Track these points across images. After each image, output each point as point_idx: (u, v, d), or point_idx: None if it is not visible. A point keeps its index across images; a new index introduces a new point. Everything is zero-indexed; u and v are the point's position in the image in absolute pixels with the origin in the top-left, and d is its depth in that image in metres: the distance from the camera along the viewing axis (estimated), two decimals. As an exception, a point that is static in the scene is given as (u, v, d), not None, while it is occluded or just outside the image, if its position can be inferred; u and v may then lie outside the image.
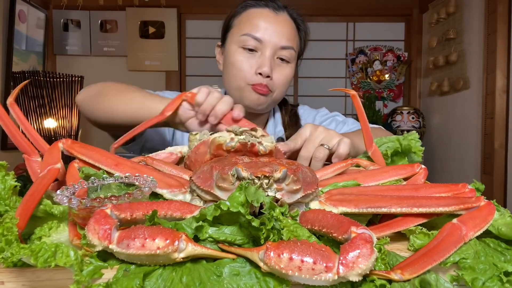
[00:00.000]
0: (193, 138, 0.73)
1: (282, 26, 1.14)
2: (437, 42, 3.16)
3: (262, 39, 1.11)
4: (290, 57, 1.15)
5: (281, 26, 1.13)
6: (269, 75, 1.11)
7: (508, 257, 0.47)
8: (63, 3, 3.32)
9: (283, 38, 1.12)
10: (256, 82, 1.11)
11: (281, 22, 1.14)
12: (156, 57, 3.48)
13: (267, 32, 1.11)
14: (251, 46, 1.12)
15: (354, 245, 0.39)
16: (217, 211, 0.44)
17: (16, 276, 0.43)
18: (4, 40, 2.73)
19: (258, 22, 1.12)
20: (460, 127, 2.94)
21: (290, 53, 1.14)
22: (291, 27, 1.16)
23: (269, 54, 1.11)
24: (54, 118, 2.77)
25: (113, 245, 0.42)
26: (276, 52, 1.13)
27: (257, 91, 1.12)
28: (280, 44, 1.12)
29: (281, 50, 1.13)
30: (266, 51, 1.11)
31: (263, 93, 1.12)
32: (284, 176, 0.52)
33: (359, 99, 0.77)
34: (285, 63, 1.15)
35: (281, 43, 1.12)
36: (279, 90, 1.16)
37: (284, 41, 1.12)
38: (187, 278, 0.41)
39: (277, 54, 1.13)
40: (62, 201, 0.49)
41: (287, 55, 1.14)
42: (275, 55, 1.13)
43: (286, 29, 1.14)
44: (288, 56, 1.14)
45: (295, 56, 1.18)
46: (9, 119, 0.63)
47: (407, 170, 0.67)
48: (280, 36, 1.12)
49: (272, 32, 1.11)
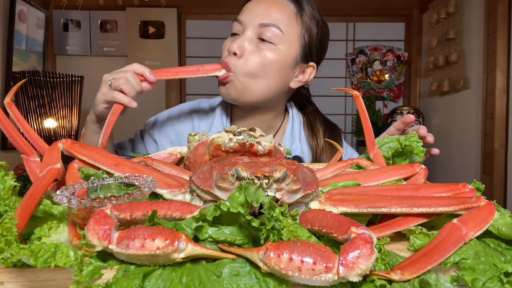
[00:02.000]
0: (192, 139, 0.73)
1: (268, 5, 0.98)
2: (437, 42, 3.16)
3: (243, 20, 0.99)
4: (274, 38, 0.96)
5: (266, 5, 0.98)
6: (236, 52, 0.96)
7: (508, 258, 0.47)
8: (63, 3, 3.32)
9: (264, 16, 0.97)
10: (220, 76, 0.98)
11: (270, 2, 0.99)
12: (156, 57, 3.48)
13: (250, 12, 0.99)
14: (235, 30, 1.01)
15: (354, 245, 0.39)
16: (217, 211, 0.44)
17: (16, 277, 0.43)
18: (4, 40, 2.73)
19: (246, 6, 1.02)
20: (460, 127, 2.94)
21: (272, 33, 0.96)
22: (283, 5, 0.99)
23: (248, 34, 0.97)
24: (54, 118, 2.77)
25: (112, 245, 0.42)
26: (256, 31, 0.97)
27: (220, 81, 0.99)
28: (259, 21, 0.96)
29: (261, 28, 0.96)
30: (245, 32, 0.97)
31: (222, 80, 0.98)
32: (284, 176, 0.52)
33: (362, 100, 0.77)
34: (265, 44, 0.96)
35: (260, 20, 0.96)
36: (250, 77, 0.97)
37: (265, 18, 0.96)
38: (187, 278, 0.40)
39: (257, 34, 0.97)
40: (61, 201, 0.49)
41: (269, 35, 0.96)
42: (254, 35, 0.97)
43: (273, 7, 0.98)
44: (271, 37, 0.96)
45: (286, 40, 0.98)
46: (6, 119, 0.63)
47: (407, 170, 0.67)
48: (260, 14, 0.97)
49: (256, 11, 0.98)
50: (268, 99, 1.04)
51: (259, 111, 1.09)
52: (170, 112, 1.19)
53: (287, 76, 1.04)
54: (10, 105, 0.66)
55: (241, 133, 0.67)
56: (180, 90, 3.54)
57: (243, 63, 0.97)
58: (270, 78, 0.99)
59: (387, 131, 1.00)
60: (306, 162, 1.10)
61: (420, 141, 0.82)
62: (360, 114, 0.78)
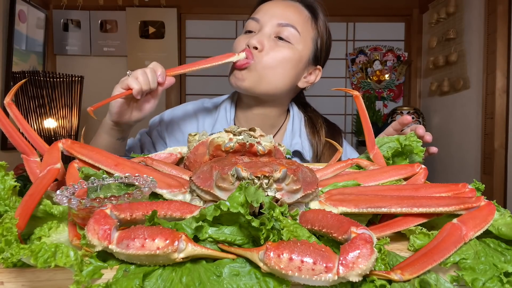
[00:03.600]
0: (192, 139, 0.73)
1: (285, 8, 1.05)
2: (437, 42, 3.16)
3: (260, 19, 1.04)
4: (292, 38, 1.03)
5: (283, 8, 1.05)
6: (256, 46, 1.00)
7: (508, 258, 0.47)
8: (63, 3, 3.32)
9: (281, 16, 1.04)
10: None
11: (286, 5, 1.06)
12: (156, 57, 3.48)
13: (267, 12, 1.05)
14: (250, 28, 1.06)
15: (354, 245, 0.39)
16: (217, 211, 0.44)
17: (16, 277, 0.43)
18: (4, 40, 2.73)
19: (262, 7, 1.08)
20: (460, 127, 2.94)
21: (290, 32, 1.03)
22: (299, 11, 1.07)
23: (265, 31, 1.03)
24: (54, 118, 2.77)
25: (112, 245, 0.42)
26: (274, 30, 1.03)
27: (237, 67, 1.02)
28: (278, 21, 1.03)
29: (280, 27, 1.03)
30: (263, 29, 1.03)
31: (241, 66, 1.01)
32: (284, 176, 0.52)
33: (362, 100, 0.77)
34: (283, 42, 1.03)
35: (279, 20, 1.03)
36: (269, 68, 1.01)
37: (282, 18, 1.03)
38: (187, 278, 0.40)
39: (275, 32, 1.03)
40: (61, 201, 0.49)
41: (286, 34, 1.03)
42: (272, 33, 1.03)
43: (290, 10, 1.05)
44: (288, 36, 1.03)
45: (301, 41, 1.05)
46: (6, 119, 0.63)
47: (407, 170, 0.67)
48: (279, 15, 1.04)
49: (272, 11, 1.05)
50: (278, 93, 1.08)
51: (264, 107, 1.11)
52: (174, 112, 1.21)
53: (298, 75, 1.10)
54: (10, 105, 0.66)
55: (241, 133, 0.67)
56: (180, 90, 3.54)
57: (264, 55, 1.01)
58: (286, 74, 1.05)
59: (385, 132, 1.02)
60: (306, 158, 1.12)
61: (419, 141, 0.82)
62: (360, 114, 0.78)
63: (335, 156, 0.85)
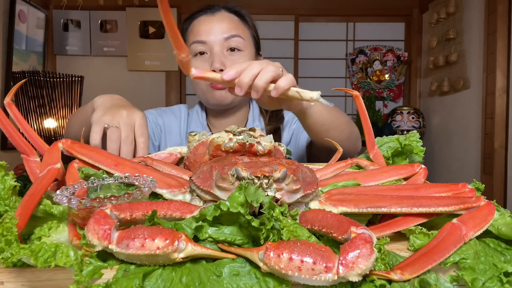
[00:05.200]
0: (192, 139, 0.73)
1: (221, 21, 1.18)
2: (437, 42, 3.16)
3: (206, 40, 1.16)
4: (240, 45, 1.17)
5: (219, 22, 1.18)
6: (222, 68, 1.13)
7: (508, 257, 0.47)
8: (63, 3, 3.32)
9: (224, 30, 1.16)
10: None
11: (219, 19, 1.19)
12: (156, 57, 3.48)
13: (208, 32, 1.17)
14: (199, 50, 1.17)
15: (354, 245, 0.39)
16: (217, 211, 0.44)
17: (16, 276, 0.43)
18: (4, 40, 2.73)
19: (199, 28, 1.18)
20: (460, 127, 2.94)
21: (237, 41, 1.17)
22: (231, 19, 1.20)
23: (217, 50, 1.15)
24: (54, 118, 2.77)
25: (112, 245, 0.42)
26: (223, 45, 1.16)
27: (215, 87, 1.16)
28: (223, 36, 1.16)
29: (227, 41, 1.16)
30: (214, 49, 1.15)
31: (220, 88, 1.15)
32: (284, 176, 0.52)
33: (362, 100, 0.77)
34: (237, 52, 1.17)
35: (224, 35, 1.16)
36: None
37: (226, 32, 1.16)
38: (187, 278, 0.40)
39: (225, 46, 1.16)
40: (61, 201, 0.49)
41: (235, 44, 1.16)
42: (223, 48, 1.16)
43: (226, 22, 1.18)
44: (237, 45, 1.17)
45: (247, 44, 1.19)
46: (6, 119, 0.63)
47: (407, 170, 0.67)
48: (221, 30, 1.16)
49: (213, 30, 1.16)
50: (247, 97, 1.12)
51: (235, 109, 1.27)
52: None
53: None
54: (10, 105, 0.66)
55: (241, 133, 0.67)
56: (180, 90, 3.54)
57: None
58: None
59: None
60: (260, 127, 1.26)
61: (419, 141, 0.82)
62: (360, 114, 0.78)
63: (335, 156, 0.85)
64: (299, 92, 0.68)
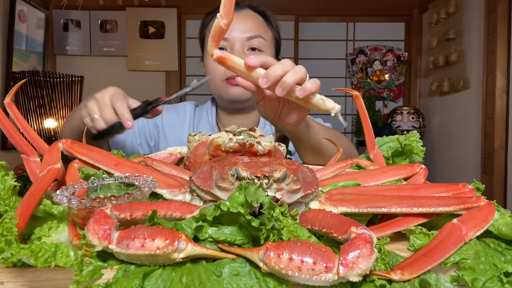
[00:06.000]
0: (192, 139, 0.73)
1: (245, 20, 1.17)
2: (437, 42, 3.16)
3: (228, 37, 1.14)
4: (262, 46, 1.16)
5: (244, 21, 1.17)
6: None
7: (508, 258, 0.47)
8: (63, 3, 3.32)
9: (247, 30, 1.15)
10: (230, 75, 1.13)
11: (244, 17, 1.17)
12: (156, 57, 3.48)
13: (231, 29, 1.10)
14: (220, 45, 1.13)
15: (354, 245, 0.39)
16: (217, 211, 0.44)
17: (16, 276, 0.43)
18: (4, 40, 2.73)
19: None
20: (460, 127, 2.94)
21: (259, 42, 1.16)
22: (256, 19, 1.19)
23: (238, 48, 1.14)
24: (54, 118, 2.77)
25: (112, 245, 0.42)
26: (244, 44, 1.15)
27: (232, 83, 1.13)
28: (246, 35, 1.15)
29: (249, 40, 1.15)
30: (235, 46, 1.14)
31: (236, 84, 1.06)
32: (284, 176, 0.52)
33: (362, 100, 0.76)
34: (257, 52, 1.16)
35: (246, 34, 1.15)
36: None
37: (249, 31, 1.15)
38: (187, 278, 0.40)
39: (246, 45, 1.15)
40: (61, 201, 0.49)
41: (257, 44, 1.15)
42: (244, 47, 1.15)
43: (250, 22, 1.17)
44: (259, 45, 1.16)
45: (268, 45, 1.19)
46: (6, 119, 0.63)
47: (407, 170, 0.67)
48: (244, 29, 1.15)
49: (236, 27, 1.14)
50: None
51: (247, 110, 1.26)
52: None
53: None
54: (10, 105, 0.66)
55: (241, 133, 0.67)
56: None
57: None
58: None
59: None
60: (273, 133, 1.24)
61: (420, 141, 0.82)
62: (360, 114, 0.78)
63: (335, 156, 0.85)
64: (323, 99, 0.67)
